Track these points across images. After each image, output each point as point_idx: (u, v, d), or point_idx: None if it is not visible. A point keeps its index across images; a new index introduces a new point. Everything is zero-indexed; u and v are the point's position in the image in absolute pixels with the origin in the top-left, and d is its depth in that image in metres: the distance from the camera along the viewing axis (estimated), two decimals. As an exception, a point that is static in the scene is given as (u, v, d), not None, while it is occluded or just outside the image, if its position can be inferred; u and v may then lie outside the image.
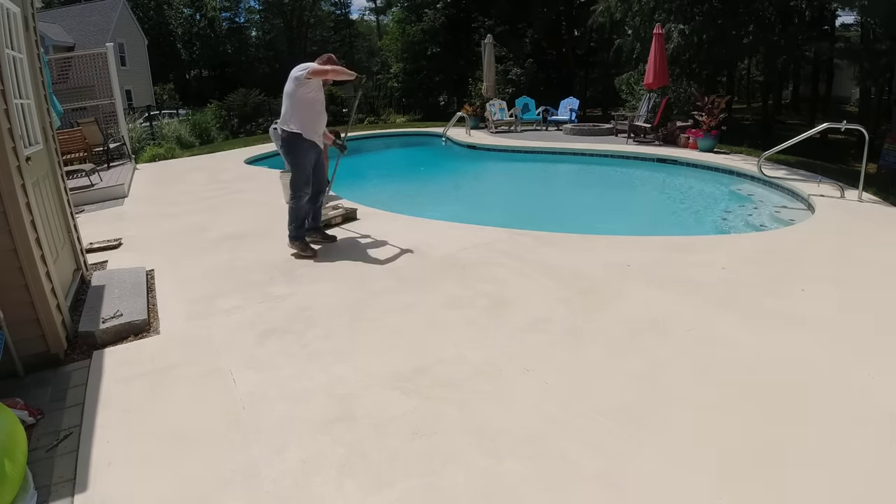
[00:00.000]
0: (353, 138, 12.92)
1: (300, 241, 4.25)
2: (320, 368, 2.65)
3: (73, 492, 1.92)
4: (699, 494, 1.78)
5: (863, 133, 5.60)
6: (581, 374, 2.50)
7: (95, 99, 10.57)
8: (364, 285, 3.67)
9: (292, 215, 4.22)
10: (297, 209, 4.21)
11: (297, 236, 4.25)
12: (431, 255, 4.16)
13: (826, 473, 1.84)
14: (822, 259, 3.87)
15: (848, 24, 17.95)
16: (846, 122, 5.56)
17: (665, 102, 9.68)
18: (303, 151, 4.12)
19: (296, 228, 4.24)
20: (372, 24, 46.57)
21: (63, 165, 3.93)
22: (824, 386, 2.34)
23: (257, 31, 42.11)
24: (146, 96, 26.52)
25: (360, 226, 5.12)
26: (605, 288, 3.43)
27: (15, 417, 2.00)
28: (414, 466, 1.95)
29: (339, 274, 3.89)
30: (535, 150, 10.10)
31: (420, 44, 23.61)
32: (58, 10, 26.16)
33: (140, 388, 2.56)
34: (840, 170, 7.24)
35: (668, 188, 7.91)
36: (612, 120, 11.24)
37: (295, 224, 4.23)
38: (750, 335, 2.78)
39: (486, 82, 13.06)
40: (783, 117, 20.10)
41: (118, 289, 3.58)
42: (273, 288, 3.70)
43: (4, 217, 2.58)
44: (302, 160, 4.13)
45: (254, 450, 2.08)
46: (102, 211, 6.56)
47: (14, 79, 3.00)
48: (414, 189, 8.23)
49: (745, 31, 12.13)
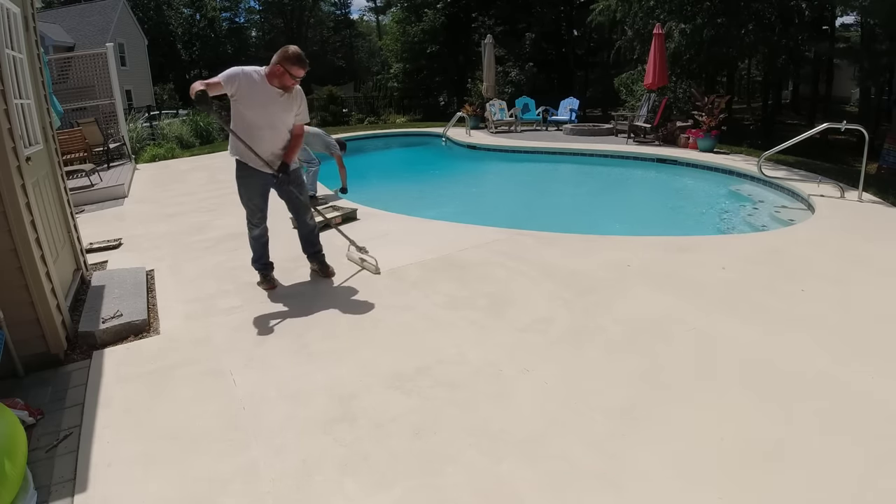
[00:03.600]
0: (354, 138, 12.93)
1: (259, 272, 3.74)
2: (320, 368, 2.65)
3: (73, 492, 1.92)
4: (699, 494, 1.78)
5: (863, 133, 5.59)
6: (581, 374, 2.50)
7: (95, 99, 10.56)
8: (364, 285, 3.67)
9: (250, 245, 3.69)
10: (249, 240, 3.66)
11: (255, 268, 3.74)
12: (431, 256, 4.15)
13: (826, 473, 1.84)
14: (822, 259, 3.87)
15: (848, 24, 17.98)
16: (846, 122, 5.56)
17: (665, 102, 9.68)
18: (242, 181, 3.45)
19: (253, 261, 3.72)
20: (372, 24, 46.58)
21: (63, 165, 3.93)
22: (824, 386, 2.34)
23: (257, 31, 42.12)
24: (146, 96, 26.52)
25: (359, 226, 5.12)
26: (605, 288, 3.43)
27: (15, 417, 2.00)
28: (414, 466, 1.95)
29: (338, 274, 3.88)
30: (535, 150, 10.09)
31: (420, 44, 23.57)
32: (58, 10, 26.13)
33: (140, 388, 2.56)
34: (840, 170, 7.23)
35: (667, 188, 7.91)
36: (612, 120, 11.24)
37: (252, 256, 3.71)
38: (750, 335, 2.78)
39: (486, 82, 13.06)
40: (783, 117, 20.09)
41: (118, 289, 3.58)
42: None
43: (4, 217, 2.58)
44: (240, 189, 3.49)
45: (254, 450, 2.08)
46: (102, 211, 6.56)
47: (14, 79, 3.00)
48: (414, 189, 8.22)
49: (746, 30, 12.13)
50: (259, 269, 3.73)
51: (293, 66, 3.16)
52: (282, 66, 3.16)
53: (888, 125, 11.22)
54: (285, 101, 3.29)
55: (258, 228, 3.59)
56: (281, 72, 3.17)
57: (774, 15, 12.46)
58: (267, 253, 3.73)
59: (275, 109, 3.26)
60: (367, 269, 3.92)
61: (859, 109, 16.63)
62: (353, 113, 22.30)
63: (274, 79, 3.21)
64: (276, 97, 3.24)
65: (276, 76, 3.20)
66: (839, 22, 17.11)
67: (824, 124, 5.90)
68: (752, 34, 12.17)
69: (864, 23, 13.71)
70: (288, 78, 3.19)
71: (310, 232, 3.75)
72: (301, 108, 3.42)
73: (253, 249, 3.69)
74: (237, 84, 3.16)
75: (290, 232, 4.87)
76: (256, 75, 3.22)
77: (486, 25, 19.66)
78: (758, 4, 11.91)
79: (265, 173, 3.39)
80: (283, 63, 3.15)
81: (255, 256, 3.72)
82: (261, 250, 3.69)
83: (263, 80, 3.22)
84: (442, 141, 11.98)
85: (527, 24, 20.82)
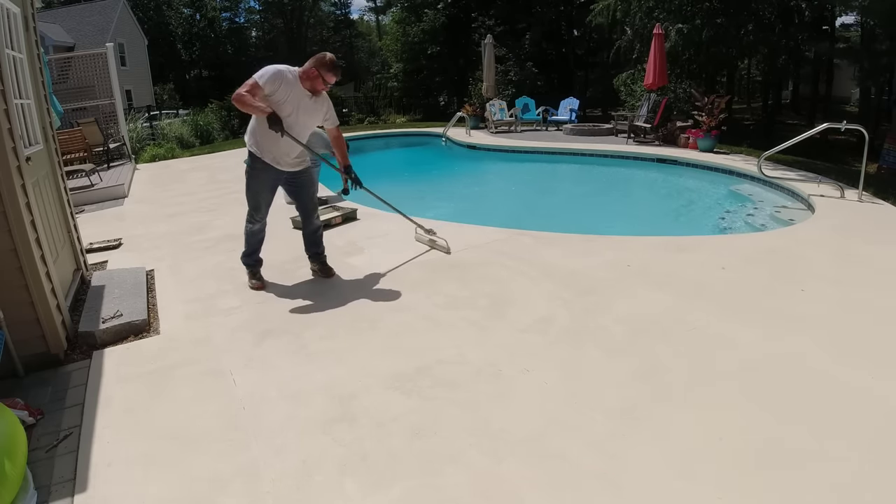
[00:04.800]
0: (354, 138, 12.92)
1: (248, 268, 3.74)
2: (320, 368, 2.65)
3: (73, 492, 1.92)
4: (699, 494, 1.78)
5: (863, 133, 5.59)
6: (581, 374, 2.50)
7: (95, 99, 10.56)
8: (364, 285, 3.67)
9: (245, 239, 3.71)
10: (245, 234, 3.67)
11: (245, 263, 3.75)
12: (431, 256, 4.15)
13: (826, 474, 1.84)
14: (822, 259, 3.87)
15: (848, 24, 17.98)
16: (846, 122, 5.56)
17: (665, 102, 9.68)
18: (253, 173, 3.50)
19: (245, 255, 3.73)
20: (372, 24, 46.58)
21: (63, 165, 3.93)
22: (824, 386, 2.34)
23: (257, 31, 42.11)
24: (146, 96, 26.52)
25: (359, 226, 5.13)
26: (605, 288, 3.43)
27: (15, 417, 2.00)
28: (414, 466, 1.95)
29: (338, 274, 3.88)
30: (535, 150, 10.09)
31: (420, 44, 23.57)
32: (58, 10, 26.13)
33: (140, 388, 2.56)
34: (840, 170, 7.23)
35: (667, 188, 7.91)
36: (612, 120, 11.24)
37: (245, 250, 3.72)
38: (750, 335, 2.78)
39: (486, 82, 13.06)
40: (783, 117, 20.09)
41: (118, 289, 3.58)
42: (273, 288, 3.70)
43: (4, 217, 2.58)
44: (250, 181, 3.53)
45: (254, 450, 2.08)
46: (102, 211, 6.57)
47: (14, 79, 3.00)
48: (414, 189, 8.22)
49: (745, 30, 12.14)
50: (249, 264, 3.74)
51: (328, 72, 3.29)
52: (317, 70, 3.28)
53: (888, 125, 11.23)
54: (313, 104, 3.41)
55: (258, 224, 3.63)
56: (315, 75, 3.29)
57: (774, 15, 12.47)
58: (259, 249, 3.76)
59: (304, 111, 3.38)
60: (439, 249, 4.21)
61: (859, 109, 16.63)
62: (353, 113, 22.31)
63: (307, 81, 3.31)
64: (305, 98, 3.36)
65: (309, 79, 3.31)
66: (839, 22, 17.13)
67: (824, 124, 5.90)
68: (751, 34, 12.18)
69: (864, 23, 13.72)
70: (320, 82, 3.32)
71: (314, 231, 3.79)
72: (329, 113, 3.55)
73: (248, 244, 3.70)
74: (277, 84, 3.25)
75: (291, 232, 4.88)
76: (290, 75, 3.31)
77: (486, 25, 19.65)
78: (757, 4, 11.92)
79: (278, 170, 3.47)
80: (319, 68, 3.28)
81: (247, 250, 3.72)
82: (255, 245, 3.72)
83: (297, 79, 3.32)
84: (442, 141, 11.98)
85: (527, 24, 20.82)
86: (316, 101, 3.41)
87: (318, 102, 3.43)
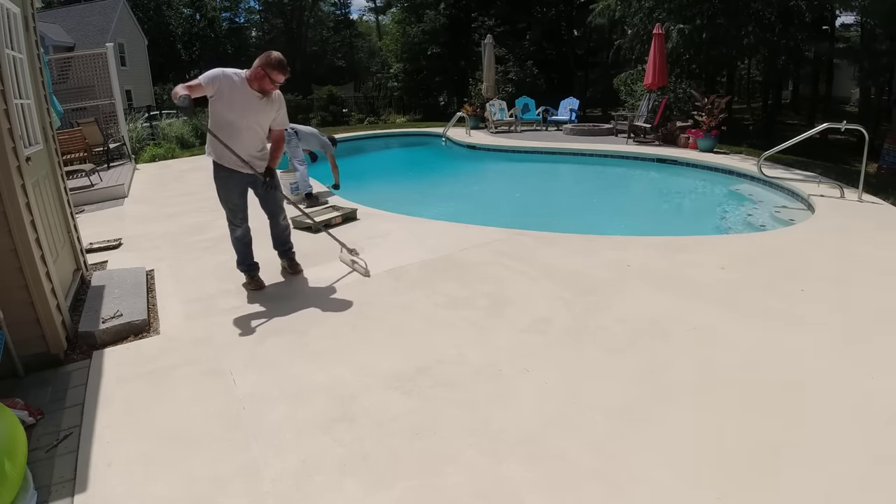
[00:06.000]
0: (353, 138, 12.94)
1: (246, 274, 3.76)
2: (320, 368, 2.65)
3: (73, 492, 1.92)
4: (699, 494, 1.78)
5: (863, 133, 5.59)
6: (581, 375, 2.50)
7: (95, 99, 10.56)
8: (364, 285, 3.67)
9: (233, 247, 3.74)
10: (232, 242, 3.70)
11: (242, 271, 3.77)
12: (431, 256, 4.15)
13: (825, 474, 1.84)
14: (822, 259, 3.87)
15: (848, 24, 17.97)
16: (846, 122, 5.56)
17: (665, 102, 9.68)
18: (219, 181, 3.50)
19: (239, 263, 3.75)
20: (372, 24, 46.57)
21: (63, 165, 3.93)
22: (824, 386, 2.34)
23: (257, 32, 42.09)
24: (146, 96, 26.49)
25: (359, 226, 5.12)
26: (605, 288, 3.43)
27: (15, 417, 2.00)
28: (414, 466, 1.95)
29: (338, 274, 3.88)
30: (535, 150, 10.10)
31: (420, 44, 23.55)
32: (58, 10, 26.11)
33: (140, 388, 2.56)
34: (840, 170, 7.23)
35: (667, 188, 7.92)
36: (612, 120, 11.24)
37: (237, 259, 3.74)
38: (750, 335, 2.78)
39: (486, 82, 13.06)
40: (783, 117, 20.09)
41: (118, 289, 3.58)
42: (273, 288, 3.70)
43: (4, 217, 2.58)
44: (217, 189, 3.54)
45: (254, 450, 2.08)
46: (102, 211, 6.56)
47: (14, 79, 3.00)
48: (414, 189, 8.22)
49: (745, 31, 12.14)
50: (245, 270, 3.74)
51: (274, 70, 3.23)
52: (263, 69, 3.23)
53: (888, 125, 11.22)
54: (263, 105, 3.36)
55: (240, 229, 3.62)
56: (262, 75, 3.24)
57: (774, 15, 12.47)
58: (251, 253, 3.74)
59: (252, 111, 3.33)
60: (358, 271, 3.90)
61: (859, 109, 16.62)
62: (352, 113, 22.30)
63: (255, 81, 3.27)
64: (254, 99, 3.32)
65: (256, 79, 3.26)
66: (839, 22, 17.13)
67: (824, 124, 5.90)
68: (751, 35, 12.18)
69: (864, 23, 13.72)
70: (268, 82, 3.26)
71: (282, 231, 3.83)
72: (280, 114, 3.50)
73: (237, 251, 3.70)
74: (217, 85, 3.23)
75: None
76: (236, 77, 3.29)
77: (486, 25, 19.65)
78: (757, 5, 11.92)
79: (242, 173, 3.45)
80: (264, 67, 3.23)
81: (239, 259, 3.73)
82: (244, 251, 3.70)
83: (244, 82, 3.29)
84: (442, 141, 11.98)
85: (527, 24, 20.81)
86: (267, 101, 3.36)
87: (269, 103, 3.38)
